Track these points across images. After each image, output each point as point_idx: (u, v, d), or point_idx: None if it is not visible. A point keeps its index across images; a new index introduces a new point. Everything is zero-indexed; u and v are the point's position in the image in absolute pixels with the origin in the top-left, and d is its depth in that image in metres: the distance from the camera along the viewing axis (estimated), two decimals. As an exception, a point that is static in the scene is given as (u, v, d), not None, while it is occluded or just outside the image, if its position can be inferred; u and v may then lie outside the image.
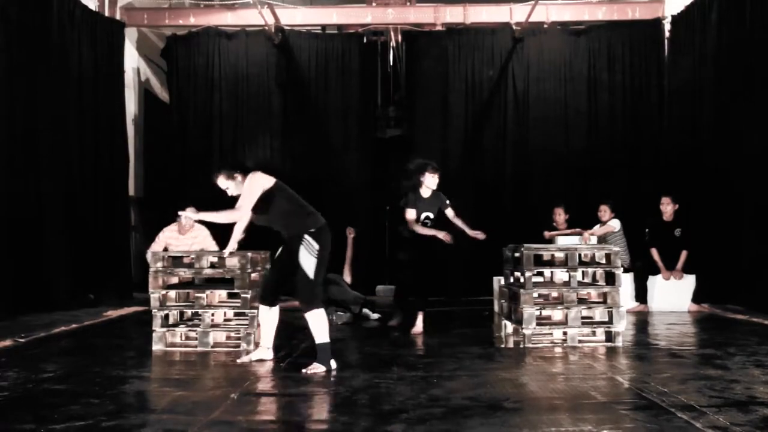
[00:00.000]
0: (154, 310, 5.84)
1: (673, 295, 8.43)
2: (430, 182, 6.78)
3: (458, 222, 6.94)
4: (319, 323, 4.86)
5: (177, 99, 10.69)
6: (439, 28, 10.54)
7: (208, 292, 5.96)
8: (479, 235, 6.73)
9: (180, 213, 5.94)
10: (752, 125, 7.87)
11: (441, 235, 6.61)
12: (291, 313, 8.14)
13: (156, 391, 4.42)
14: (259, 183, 4.97)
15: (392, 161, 11.00)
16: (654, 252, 8.59)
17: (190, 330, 5.93)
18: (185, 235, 7.89)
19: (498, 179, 10.40)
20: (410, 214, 6.75)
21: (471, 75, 10.55)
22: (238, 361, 5.19)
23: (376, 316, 7.78)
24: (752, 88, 7.91)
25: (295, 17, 10.46)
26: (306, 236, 4.89)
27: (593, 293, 6.31)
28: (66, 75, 8.71)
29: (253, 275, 5.92)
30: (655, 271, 8.54)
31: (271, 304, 5.14)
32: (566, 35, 10.51)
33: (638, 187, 9.95)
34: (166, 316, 5.84)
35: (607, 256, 6.09)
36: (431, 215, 6.89)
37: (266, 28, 10.28)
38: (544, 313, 6.31)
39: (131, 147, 10.36)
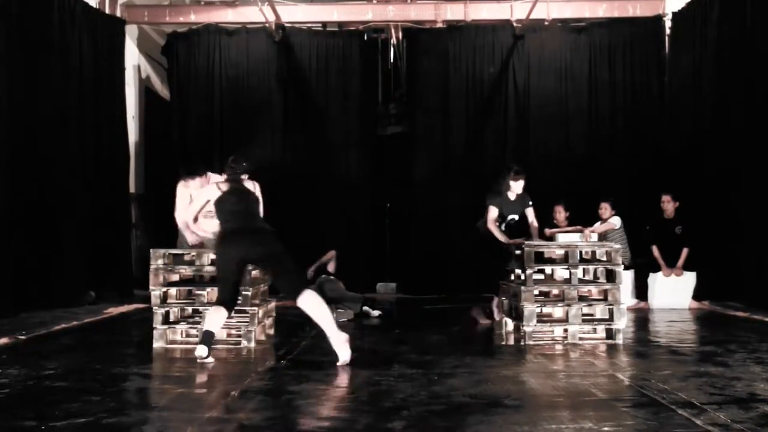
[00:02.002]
0: (154, 308, 5.85)
1: (673, 292, 8.43)
2: (515, 187, 7.11)
3: (533, 225, 7.13)
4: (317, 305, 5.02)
5: (177, 96, 10.69)
6: (439, 25, 10.52)
7: (208, 289, 5.95)
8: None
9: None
10: (753, 122, 7.87)
11: (508, 242, 6.71)
12: (290, 310, 8.16)
13: (157, 388, 4.42)
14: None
15: (393, 158, 11.03)
16: (655, 249, 8.59)
17: (190, 327, 5.93)
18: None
19: (498, 176, 10.37)
20: (492, 212, 6.98)
21: (472, 72, 10.54)
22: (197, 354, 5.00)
23: (376, 313, 7.78)
24: (753, 85, 7.91)
25: (295, 14, 10.45)
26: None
27: (594, 290, 6.31)
28: (66, 72, 8.70)
29: (253, 272, 5.91)
30: (656, 269, 8.54)
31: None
32: (567, 32, 10.50)
33: (639, 185, 9.94)
34: (167, 313, 5.84)
35: (608, 254, 6.09)
36: (516, 217, 7.14)
37: (267, 25, 10.28)
38: (545, 310, 6.32)
39: (131, 144, 10.35)
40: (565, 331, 5.96)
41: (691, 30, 9.42)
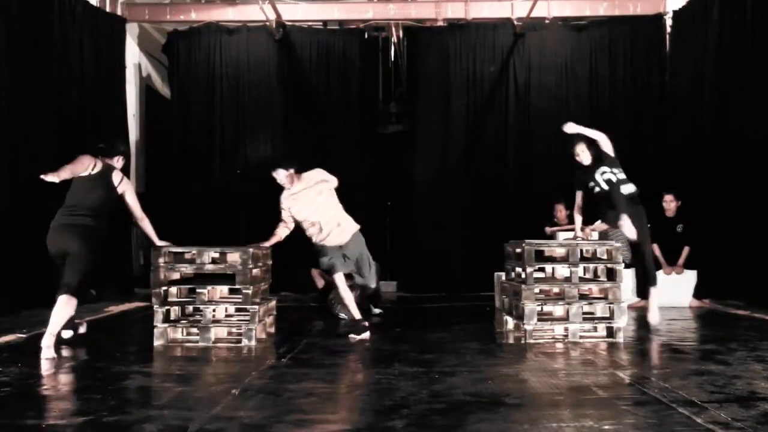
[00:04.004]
0: (155, 306, 5.85)
1: (674, 290, 8.42)
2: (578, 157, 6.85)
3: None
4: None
5: (178, 94, 10.69)
6: (440, 23, 10.53)
7: (209, 287, 5.96)
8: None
9: None
10: (753, 120, 7.87)
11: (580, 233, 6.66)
12: (291, 308, 8.16)
13: (157, 387, 4.42)
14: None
15: (393, 157, 11.03)
16: (655, 248, 8.58)
17: (191, 326, 5.93)
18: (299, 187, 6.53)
19: (499, 175, 10.40)
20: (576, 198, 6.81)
21: (472, 70, 10.54)
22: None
23: (377, 311, 7.78)
24: (753, 84, 7.90)
25: (296, 13, 10.46)
26: None
27: (594, 289, 6.31)
28: (67, 70, 8.71)
29: (254, 271, 5.92)
30: (657, 267, 8.53)
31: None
32: (567, 31, 10.50)
33: (639, 183, 9.90)
34: (168, 312, 5.84)
35: (609, 252, 6.09)
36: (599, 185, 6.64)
37: (267, 23, 10.28)
38: (546, 308, 6.32)
39: (132, 143, 10.36)
40: (566, 329, 5.96)
41: (691, 28, 9.41)
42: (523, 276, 5.95)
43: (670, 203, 8.65)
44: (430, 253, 10.28)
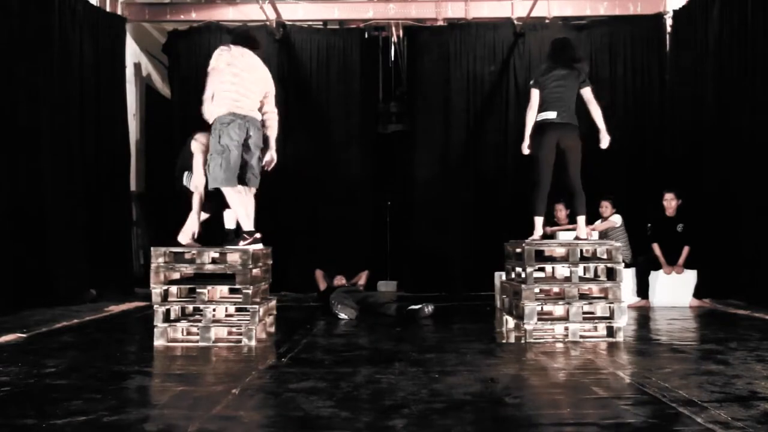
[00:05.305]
0: (155, 306, 5.85)
1: (674, 290, 8.43)
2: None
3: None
4: None
5: (178, 94, 10.69)
6: (440, 23, 10.54)
7: (209, 287, 5.96)
8: None
9: None
10: (754, 120, 7.87)
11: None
12: (291, 308, 8.16)
13: (158, 387, 4.42)
14: None
15: (394, 157, 11.04)
16: (656, 247, 8.59)
17: (191, 325, 5.93)
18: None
19: (499, 174, 10.40)
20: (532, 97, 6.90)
21: (472, 70, 10.55)
22: None
23: (424, 307, 7.62)
24: (754, 83, 7.91)
25: (296, 12, 10.47)
26: None
27: (594, 289, 6.31)
28: (67, 70, 8.72)
29: (254, 271, 5.92)
30: (657, 267, 8.54)
31: None
32: (568, 30, 10.47)
33: (639, 183, 9.94)
34: (168, 311, 5.84)
35: (609, 252, 6.09)
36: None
37: (267, 23, 10.29)
38: (546, 308, 6.32)
39: (132, 142, 10.36)
40: (566, 329, 5.96)
41: (692, 28, 9.42)
42: (523, 276, 5.95)
43: (670, 201, 8.65)
44: (430, 252, 10.29)
